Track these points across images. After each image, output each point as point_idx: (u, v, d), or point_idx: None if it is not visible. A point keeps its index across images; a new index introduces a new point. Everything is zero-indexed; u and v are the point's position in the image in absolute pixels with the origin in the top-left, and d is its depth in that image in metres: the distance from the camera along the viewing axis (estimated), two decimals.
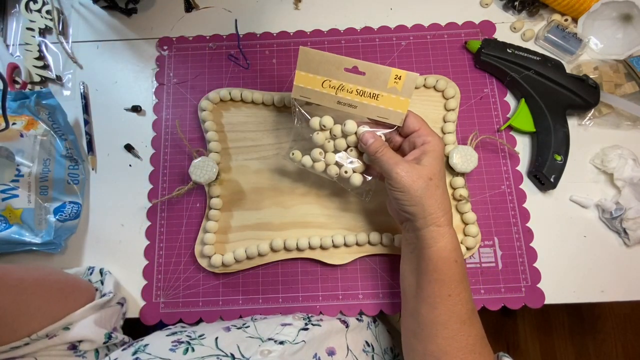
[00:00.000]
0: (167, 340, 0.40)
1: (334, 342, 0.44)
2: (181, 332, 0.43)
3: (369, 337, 0.48)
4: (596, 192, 0.53)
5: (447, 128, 0.53)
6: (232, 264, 0.49)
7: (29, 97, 0.52)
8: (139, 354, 0.38)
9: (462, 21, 0.58)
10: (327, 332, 0.45)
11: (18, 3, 0.59)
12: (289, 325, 0.45)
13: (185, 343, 0.39)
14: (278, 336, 0.42)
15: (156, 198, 0.53)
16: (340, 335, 0.45)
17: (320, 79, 0.43)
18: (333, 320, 0.48)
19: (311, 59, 0.43)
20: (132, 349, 0.39)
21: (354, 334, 0.47)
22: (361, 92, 0.43)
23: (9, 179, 0.49)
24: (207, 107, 0.53)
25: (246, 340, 0.41)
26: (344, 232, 0.50)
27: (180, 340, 0.40)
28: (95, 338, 0.42)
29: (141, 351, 0.38)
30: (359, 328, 0.48)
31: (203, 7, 0.61)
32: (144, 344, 0.39)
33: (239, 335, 0.42)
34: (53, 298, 0.41)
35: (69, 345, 0.41)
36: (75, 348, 0.41)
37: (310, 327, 0.45)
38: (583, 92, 0.51)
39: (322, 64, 0.43)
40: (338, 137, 0.45)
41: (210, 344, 0.40)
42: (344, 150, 0.45)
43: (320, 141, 0.45)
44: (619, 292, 0.50)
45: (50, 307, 0.41)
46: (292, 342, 0.41)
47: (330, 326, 0.46)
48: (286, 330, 0.44)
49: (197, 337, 0.41)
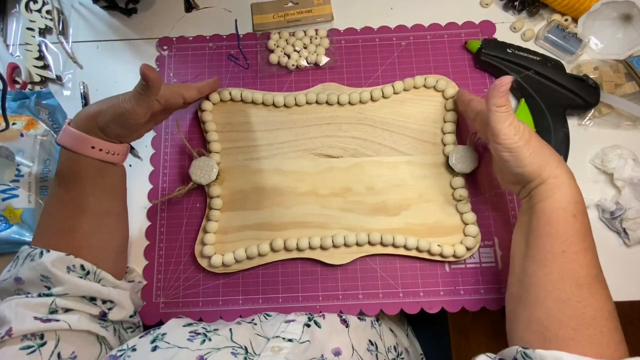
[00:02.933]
0: (184, 330, 0.41)
1: (338, 342, 0.43)
2: (197, 324, 0.44)
3: (373, 336, 0.48)
4: (596, 192, 0.52)
5: (447, 128, 0.53)
6: (232, 264, 0.49)
7: (29, 97, 0.52)
8: (158, 342, 0.38)
9: (462, 21, 0.58)
10: (329, 332, 0.45)
11: (18, 3, 0.59)
12: (292, 322, 0.45)
13: (202, 334, 0.40)
14: (284, 334, 0.43)
15: (156, 198, 0.53)
16: (344, 335, 0.45)
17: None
18: (333, 319, 0.48)
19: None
20: (150, 337, 0.40)
21: (357, 332, 0.47)
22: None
23: (9, 179, 0.49)
24: (207, 107, 0.53)
25: (256, 338, 0.42)
26: (344, 232, 0.50)
27: (197, 332, 0.41)
28: (128, 307, 0.44)
29: (159, 339, 0.39)
30: (362, 327, 0.48)
31: (203, 7, 0.61)
32: (161, 333, 0.40)
33: (249, 329, 0.43)
34: (122, 255, 0.47)
35: (101, 312, 0.42)
36: (105, 316, 0.42)
37: (312, 324, 0.45)
38: (583, 92, 0.51)
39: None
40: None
41: (226, 335, 0.40)
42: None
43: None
44: (619, 292, 0.50)
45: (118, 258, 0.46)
46: (298, 340, 0.42)
47: (330, 326, 0.46)
48: (291, 327, 0.44)
49: (212, 330, 0.42)
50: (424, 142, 0.53)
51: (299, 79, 0.56)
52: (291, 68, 0.56)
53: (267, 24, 0.58)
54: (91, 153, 0.41)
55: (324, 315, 0.48)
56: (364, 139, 0.54)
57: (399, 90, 0.54)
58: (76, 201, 0.42)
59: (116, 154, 0.43)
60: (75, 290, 0.40)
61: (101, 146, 0.42)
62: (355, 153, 0.53)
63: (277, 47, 0.57)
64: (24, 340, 0.36)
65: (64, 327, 0.37)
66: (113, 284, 0.43)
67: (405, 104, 0.54)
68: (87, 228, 0.42)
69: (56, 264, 0.39)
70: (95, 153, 0.42)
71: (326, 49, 0.57)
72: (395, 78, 0.56)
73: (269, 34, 0.58)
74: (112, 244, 0.45)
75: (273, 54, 0.56)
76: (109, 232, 0.45)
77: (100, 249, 0.43)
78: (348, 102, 0.54)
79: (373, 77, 0.56)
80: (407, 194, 0.52)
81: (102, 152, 0.42)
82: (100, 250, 0.43)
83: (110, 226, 0.45)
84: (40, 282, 0.39)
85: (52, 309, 0.38)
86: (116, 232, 0.46)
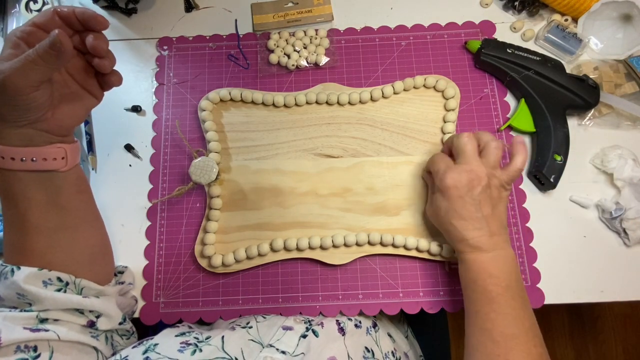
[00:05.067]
0: (175, 341, 0.40)
1: (333, 352, 0.43)
2: (189, 332, 0.42)
3: (369, 342, 0.48)
4: (596, 192, 0.52)
5: (447, 128, 0.53)
6: (232, 264, 0.49)
7: None
8: (149, 353, 0.38)
9: (462, 21, 0.58)
10: (325, 341, 0.45)
11: (18, 3, 0.59)
12: (289, 330, 0.45)
13: (193, 345, 0.39)
14: (279, 344, 0.42)
15: (156, 198, 0.53)
16: (339, 343, 0.45)
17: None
18: (331, 327, 0.47)
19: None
20: (142, 347, 0.39)
21: (352, 340, 0.46)
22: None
23: None
24: (207, 107, 0.53)
25: (249, 344, 0.41)
26: (344, 232, 0.50)
27: (188, 342, 0.40)
28: (115, 316, 0.42)
29: (151, 350, 0.38)
30: (358, 334, 0.48)
31: (203, 7, 0.61)
32: (153, 343, 0.40)
33: (243, 335, 0.43)
34: (101, 260, 0.44)
35: (88, 322, 0.40)
36: (93, 325, 0.40)
37: (310, 334, 0.45)
38: (583, 92, 0.51)
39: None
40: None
41: (217, 344, 0.40)
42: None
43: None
44: (619, 292, 0.50)
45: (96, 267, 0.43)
46: (291, 354, 0.41)
47: (327, 335, 0.46)
48: (286, 337, 0.43)
49: (204, 339, 0.41)
50: (424, 142, 0.53)
51: (299, 79, 0.56)
52: (291, 68, 0.56)
53: (267, 24, 0.58)
54: (9, 165, 0.35)
55: (323, 324, 0.47)
56: (363, 139, 0.54)
57: (399, 90, 0.54)
58: (17, 220, 0.37)
59: (48, 161, 0.36)
60: (55, 304, 0.37)
61: (13, 154, 0.34)
62: (355, 153, 0.53)
63: (277, 47, 0.57)
64: (17, 353, 0.34)
65: (53, 338, 0.36)
66: (96, 291, 0.41)
67: (405, 104, 0.55)
68: (41, 247, 0.38)
69: (29, 281, 0.36)
70: (15, 164, 0.35)
71: (326, 49, 0.57)
72: (395, 78, 0.56)
73: (269, 34, 0.58)
74: (79, 255, 0.41)
75: (273, 54, 0.56)
76: (70, 246, 0.40)
77: (66, 263, 0.39)
78: (348, 102, 0.54)
79: (373, 77, 0.56)
80: (407, 194, 0.52)
81: (23, 164, 0.35)
82: (68, 264, 0.39)
83: (69, 240, 0.40)
84: (18, 299, 0.37)
85: (40, 319, 0.37)
86: (81, 242, 0.41)
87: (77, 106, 0.40)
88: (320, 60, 0.56)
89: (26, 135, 0.36)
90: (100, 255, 0.45)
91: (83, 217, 0.42)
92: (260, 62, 0.57)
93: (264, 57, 0.57)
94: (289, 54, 0.56)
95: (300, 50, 0.56)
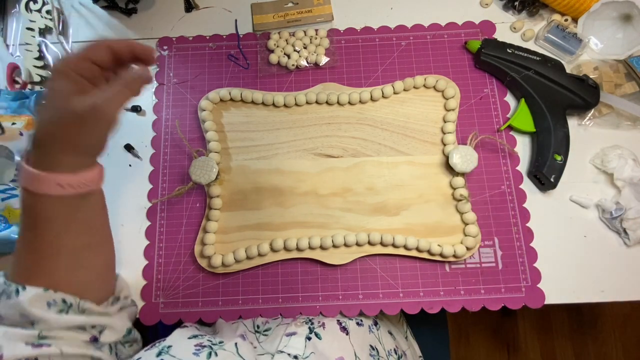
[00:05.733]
0: (189, 343, 0.39)
1: (341, 351, 0.43)
2: (202, 335, 0.42)
3: (373, 340, 0.48)
4: (596, 192, 0.52)
5: (447, 128, 0.53)
6: (232, 264, 0.49)
7: (29, 97, 0.52)
8: (164, 356, 0.37)
9: (462, 21, 0.58)
10: (331, 341, 0.45)
11: (18, 3, 0.59)
12: (294, 335, 0.45)
13: (207, 347, 0.39)
14: (287, 348, 0.43)
15: (156, 198, 0.53)
16: (345, 343, 0.45)
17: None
18: (333, 327, 0.47)
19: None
20: (156, 349, 0.39)
21: (357, 339, 0.46)
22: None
23: (9, 179, 0.49)
24: (207, 107, 0.53)
25: (259, 358, 0.42)
26: (344, 232, 0.50)
27: (202, 344, 0.39)
28: (120, 328, 0.42)
29: (165, 352, 0.38)
30: (361, 332, 0.48)
31: (203, 7, 0.61)
32: (167, 345, 0.39)
33: (251, 350, 0.42)
34: (107, 275, 0.44)
35: (91, 337, 0.39)
36: (96, 340, 0.40)
37: (313, 336, 0.45)
38: (583, 92, 0.51)
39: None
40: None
41: (232, 349, 0.39)
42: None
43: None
44: (619, 292, 0.50)
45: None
46: (302, 356, 0.42)
47: (331, 335, 0.46)
48: (293, 341, 0.44)
49: (217, 343, 0.40)
50: (424, 142, 0.53)
51: (299, 79, 0.56)
52: (291, 68, 0.56)
53: (267, 24, 0.58)
54: (59, 191, 0.35)
55: (324, 325, 0.47)
56: (364, 139, 0.54)
57: (399, 90, 0.54)
58: (49, 244, 0.37)
59: (92, 183, 0.37)
60: (58, 325, 0.37)
61: (70, 182, 0.35)
62: (355, 153, 0.53)
63: (277, 47, 0.57)
64: None
65: (56, 353, 0.35)
66: (98, 313, 0.40)
67: (405, 104, 0.55)
68: (65, 267, 0.38)
69: (34, 303, 0.36)
70: (64, 191, 0.35)
71: (326, 49, 0.57)
72: (395, 78, 0.56)
73: (269, 34, 0.58)
74: (94, 274, 0.41)
75: (273, 54, 0.56)
76: (90, 265, 0.40)
77: (81, 284, 0.39)
78: (348, 102, 0.54)
79: (373, 77, 0.56)
80: (407, 194, 0.52)
81: (73, 189, 0.35)
82: (83, 284, 0.40)
83: (91, 258, 0.41)
84: (21, 319, 0.36)
85: (42, 337, 0.36)
86: (99, 258, 0.42)
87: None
88: (320, 60, 0.56)
89: (82, 162, 0.37)
90: (109, 269, 0.45)
91: (103, 233, 0.43)
92: (260, 62, 0.57)
93: (264, 57, 0.57)
94: (289, 54, 0.56)
95: (300, 50, 0.56)
